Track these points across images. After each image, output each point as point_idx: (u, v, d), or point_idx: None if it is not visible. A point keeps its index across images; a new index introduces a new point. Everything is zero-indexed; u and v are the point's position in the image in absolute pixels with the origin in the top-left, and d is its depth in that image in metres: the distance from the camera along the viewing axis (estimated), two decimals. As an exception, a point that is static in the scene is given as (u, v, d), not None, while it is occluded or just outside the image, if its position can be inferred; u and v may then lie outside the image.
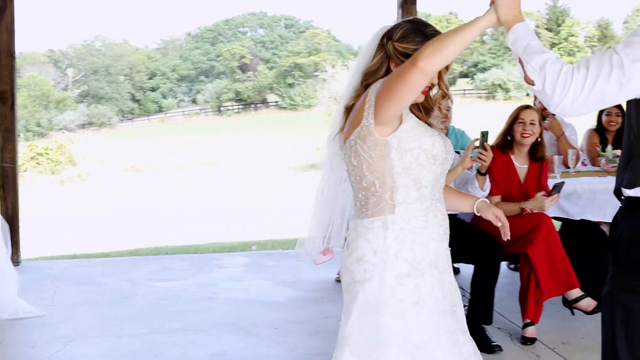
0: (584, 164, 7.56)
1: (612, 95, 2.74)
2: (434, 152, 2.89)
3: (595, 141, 7.58)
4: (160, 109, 71.23)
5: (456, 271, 7.33)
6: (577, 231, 6.21)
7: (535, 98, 7.55)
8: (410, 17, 3.00)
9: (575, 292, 5.55)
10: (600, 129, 7.68)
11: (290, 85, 67.61)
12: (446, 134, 6.93)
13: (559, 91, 2.74)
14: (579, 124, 8.34)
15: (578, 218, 6.44)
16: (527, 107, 6.06)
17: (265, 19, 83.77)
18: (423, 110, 3.05)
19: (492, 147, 5.91)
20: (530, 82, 2.81)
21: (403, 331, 2.89)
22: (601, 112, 7.71)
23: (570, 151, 7.12)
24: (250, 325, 5.92)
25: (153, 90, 73.78)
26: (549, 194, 5.75)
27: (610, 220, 6.63)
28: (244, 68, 71.68)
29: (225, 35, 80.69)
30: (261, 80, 69.91)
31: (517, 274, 7.20)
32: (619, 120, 7.57)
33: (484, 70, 65.52)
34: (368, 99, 2.84)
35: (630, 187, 2.90)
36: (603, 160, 7.06)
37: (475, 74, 65.93)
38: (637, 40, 2.76)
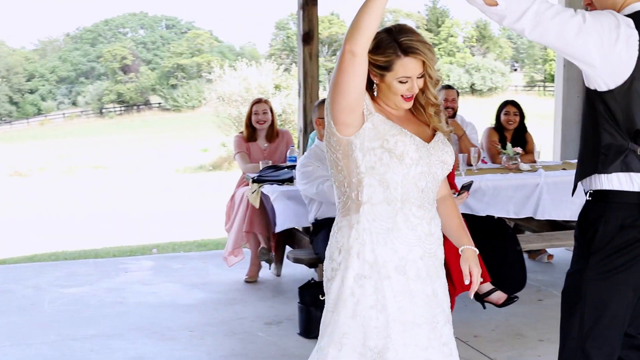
0: (483, 161, 7.76)
1: (570, 33, 2.95)
2: (397, 151, 2.84)
3: (494, 139, 7.78)
4: (39, 112, 69.47)
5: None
6: (482, 227, 6.35)
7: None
8: (390, 26, 2.89)
9: (486, 286, 5.67)
10: (499, 128, 7.88)
11: (173, 86, 66.89)
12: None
13: (523, 8, 2.93)
14: (478, 123, 8.55)
15: (483, 214, 6.61)
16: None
17: (146, 20, 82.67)
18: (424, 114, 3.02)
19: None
20: (493, 3, 2.91)
21: (359, 333, 2.89)
22: (500, 111, 7.91)
23: (472, 149, 7.31)
24: (165, 329, 5.87)
25: (31, 92, 71.89)
26: (458, 192, 5.87)
27: (513, 216, 6.86)
28: (125, 69, 70.59)
29: (105, 36, 79.31)
30: (143, 82, 68.95)
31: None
32: (517, 119, 7.79)
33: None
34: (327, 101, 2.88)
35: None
36: (504, 158, 7.24)
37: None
38: (603, 15, 3.00)
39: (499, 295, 5.63)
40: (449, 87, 7.91)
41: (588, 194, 3.22)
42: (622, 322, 3.20)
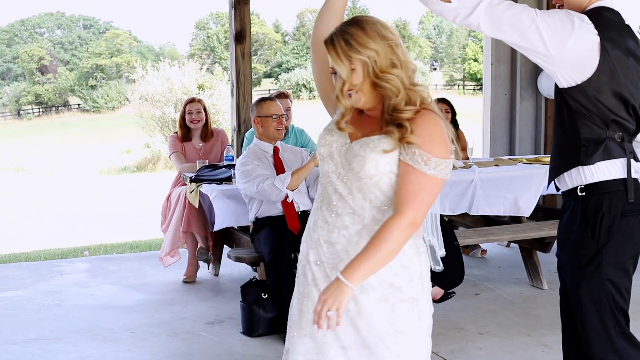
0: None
1: (523, 25, 3.12)
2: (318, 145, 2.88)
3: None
4: (-46, 113, 67.97)
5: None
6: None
7: None
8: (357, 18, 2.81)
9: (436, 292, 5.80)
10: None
11: (93, 87, 66.08)
12: (286, 134, 7.07)
13: (475, 3, 3.09)
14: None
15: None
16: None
17: (63, 20, 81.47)
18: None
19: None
20: (446, 1, 3.04)
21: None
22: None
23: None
24: (107, 331, 5.82)
25: (-54, 93, 70.33)
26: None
27: (449, 213, 6.97)
28: (43, 70, 69.49)
29: (21, 37, 77.93)
30: (62, 83, 67.97)
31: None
32: (449, 116, 7.90)
33: (287, 70, 66.30)
34: None
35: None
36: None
37: (279, 74, 66.62)
38: (555, 11, 3.21)
39: (437, 291, 5.72)
40: None
41: (579, 190, 3.31)
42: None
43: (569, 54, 3.13)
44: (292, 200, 5.86)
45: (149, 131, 33.45)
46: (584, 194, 3.30)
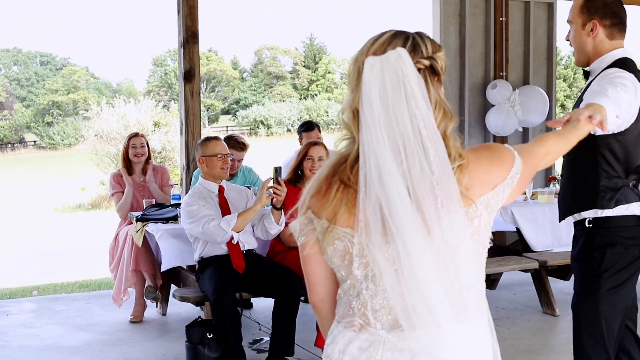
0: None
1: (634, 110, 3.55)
2: None
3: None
4: None
5: (250, 306, 7.46)
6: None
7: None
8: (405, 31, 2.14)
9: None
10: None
11: (49, 124, 65.57)
12: (235, 174, 7.11)
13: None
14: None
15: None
16: (315, 143, 6.33)
17: (20, 56, 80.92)
18: None
19: (285, 181, 6.15)
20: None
21: None
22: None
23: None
24: (50, 372, 5.79)
25: None
26: None
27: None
28: (-1, 107, 68.91)
29: (-23, 73, 77.28)
30: (18, 119, 67.35)
31: (308, 306, 7.44)
32: None
33: (245, 107, 66.31)
34: (509, 164, 2.19)
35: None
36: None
37: (237, 111, 66.58)
38: (624, 84, 3.51)
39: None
40: (308, 128, 8.09)
41: (587, 222, 3.72)
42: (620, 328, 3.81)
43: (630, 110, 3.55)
44: (239, 240, 5.88)
45: (104, 168, 33.26)
46: (591, 226, 3.71)
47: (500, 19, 9.36)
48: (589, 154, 3.63)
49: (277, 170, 5.75)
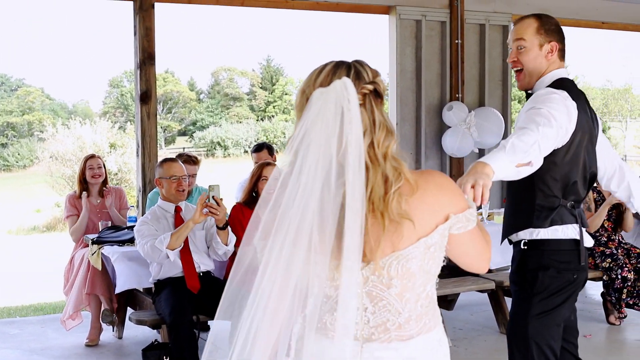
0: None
1: (554, 130, 3.46)
2: None
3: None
4: None
5: (207, 328, 7.40)
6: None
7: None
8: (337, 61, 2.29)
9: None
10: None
11: (3, 145, 64.86)
12: (190, 193, 7.08)
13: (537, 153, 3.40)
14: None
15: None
16: (268, 164, 6.34)
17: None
18: None
19: (240, 204, 6.15)
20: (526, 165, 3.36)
21: None
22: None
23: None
24: (4, 398, 5.70)
25: None
26: None
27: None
28: (-49, 128, 68.07)
29: None
30: (-29, 141, 66.64)
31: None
32: None
33: (202, 128, 66.12)
34: (458, 204, 2.31)
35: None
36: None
37: (194, 132, 66.36)
38: (557, 104, 3.54)
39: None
40: (259, 149, 8.21)
41: (522, 244, 3.70)
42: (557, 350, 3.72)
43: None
44: (193, 261, 5.86)
45: (59, 190, 32.96)
46: (526, 247, 3.69)
47: (456, 41, 9.45)
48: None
49: (213, 189, 5.72)
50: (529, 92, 3.79)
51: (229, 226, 5.89)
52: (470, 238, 2.33)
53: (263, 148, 8.20)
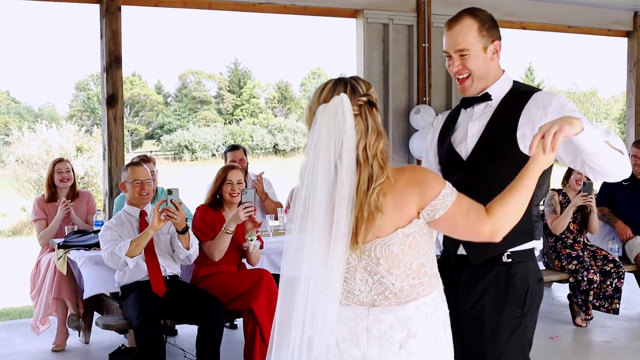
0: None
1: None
2: None
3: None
4: None
5: (174, 333, 7.39)
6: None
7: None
8: (338, 78, 2.81)
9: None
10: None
11: (-32, 149, 64.37)
12: (155, 197, 7.06)
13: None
14: (283, 182, 8.73)
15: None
16: (233, 167, 6.32)
17: (-62, 80, 79.33)
18: None
19: (205, 205, 6.14)
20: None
21: None
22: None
23: (279, 209, 7.51)
24: (-32, 404, 5.64)
25: None
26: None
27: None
28: None
29: None
30: None
31: (233, 332, 7.40)
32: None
33: (169, 131, 65.88)
34: (430, 194, 2.67)
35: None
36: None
37: (161, 136, 66.11)
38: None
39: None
40: (234, 147, 8.22)
41: (505, 256, 3.31)
42: None
43: None
44: (159, 264, 5.84)
45: (25, 194, 32.63)
46: (510, 260, 3.32)
47: (423, 45, 9.49)
48: None
49: (172, 192, 5.70)
50: (478, 95, 3.44)
51: (190, 229, 5.88)
52: (453, 213, 2.68)
53: (239, 148, 8.23)
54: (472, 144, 3.37)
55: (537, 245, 3.40)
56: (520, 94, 3.37)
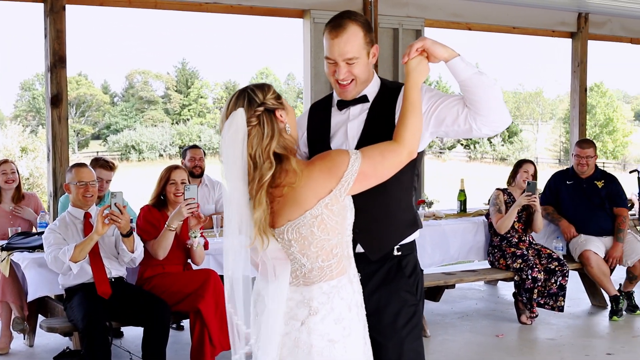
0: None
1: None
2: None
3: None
4: None
5: (120, 335, 7.33)
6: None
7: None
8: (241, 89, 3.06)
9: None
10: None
11: None
12: (102, 199, 7.00)
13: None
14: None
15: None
16: (177, 167, 6.30)
17: None
18: None
19: (149, 205, 6.11)
20: None
21: None
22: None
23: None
24: None
25: None
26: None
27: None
28: None
29: None
30: None
31: (179, 333, 7.36)
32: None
33: (116, 131, 65.43)
34: (340, 171, 2.97)
35: None
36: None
37: (108, 136, 65.62)
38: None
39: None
40: (195, 146, 8.20)
41: (396, 250, 3.42)
42: None
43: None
44: (104, 267, 5.79)
45: (-33, 196, 32.24)
46: (400, 253, 3.43)
47: (370, 45, 9.51)
48: (409, 178, 3.42)
49: (115, 196, 5.65)
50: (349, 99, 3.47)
51: (134, 232, 5.85)
52: (371, 168, 3.00)
53: (199, 147, 8.26)
54: (354, 143, 3.40)
55: (417, 235, 3.54)
56: (391, 91, 3.47)
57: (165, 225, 5.93)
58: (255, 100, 2.95)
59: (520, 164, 8.05)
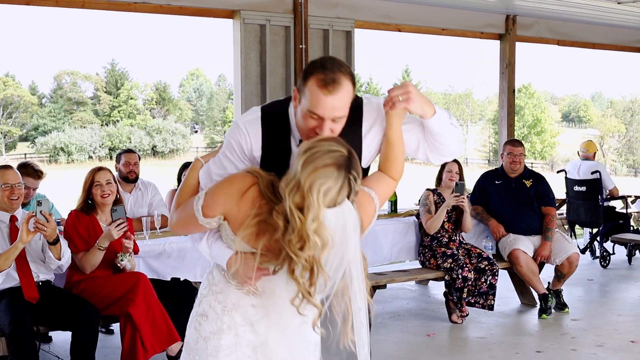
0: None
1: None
2: None
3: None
4: None
5: (48, 339, 7.20)
6: (169, 290, 6.30)
7: None
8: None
9: (177, 346, 5.78)
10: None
11: None
12: (28, 202, 6.89)
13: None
14: (161, 184, 8.63)
15: (169, 278, 6.63)
16: (100, 168, 6.22)
17: None
18: None
19: (76, 210, 6.03)
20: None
21: None
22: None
23: (155, 212, 7.40)
24: None
25: None
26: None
27: (200, 280, 6.96)
28: None
29: None
30: None
31: (109, 337, 7.26)
32: None
33: (44, 133, 64.47)
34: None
35: None
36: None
37: (36, 138, 64.62)
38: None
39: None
40: (130, 150, 8.10)
41: None
42: None
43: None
44: (31, 271, 5.69)
45: None
46: None
47: (300, 46, 9.50)
48: None
49: (41, 203, 5.55)
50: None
51: (62, 238, 5.76)
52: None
53: (134, 152, 8.22)
54: None
55: None
56: (352, 110, 3.12)
57: (96, 244, 5.88)
58: (355, 187, 2.91)
59: (443, 164, 8.09)
